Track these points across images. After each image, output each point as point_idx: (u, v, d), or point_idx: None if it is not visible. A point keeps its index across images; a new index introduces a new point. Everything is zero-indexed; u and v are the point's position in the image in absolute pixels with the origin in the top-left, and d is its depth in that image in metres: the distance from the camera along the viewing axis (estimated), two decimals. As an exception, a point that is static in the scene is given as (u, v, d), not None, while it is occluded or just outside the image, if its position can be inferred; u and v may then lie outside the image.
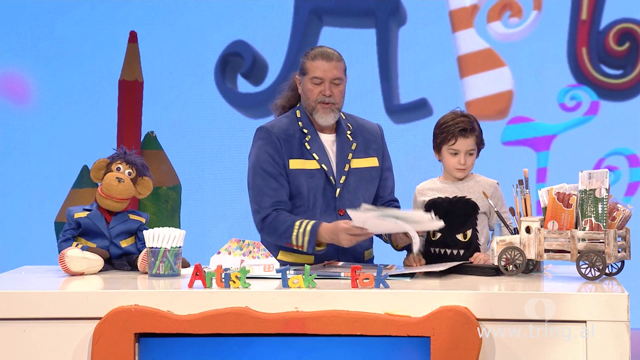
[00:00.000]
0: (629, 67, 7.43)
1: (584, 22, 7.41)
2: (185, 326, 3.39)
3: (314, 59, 4.24)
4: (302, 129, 4.27)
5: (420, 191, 4.16)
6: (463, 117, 4.08)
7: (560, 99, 7.41)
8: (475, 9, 7.47)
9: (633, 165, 7.38)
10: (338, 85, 4.24)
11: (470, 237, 4.05)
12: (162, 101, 7.48)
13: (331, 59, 4.23)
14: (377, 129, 4.41)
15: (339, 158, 4.27)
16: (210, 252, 3.90)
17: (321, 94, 4.22)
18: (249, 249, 3.87)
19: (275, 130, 4.25)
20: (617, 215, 3.68)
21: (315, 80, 4.23)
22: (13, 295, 3.46)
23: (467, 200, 4.06)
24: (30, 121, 7.62)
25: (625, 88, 7.42)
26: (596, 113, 7.41)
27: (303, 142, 4.26)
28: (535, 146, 7.43)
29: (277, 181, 4.19)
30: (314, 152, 4.25)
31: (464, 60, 7.48)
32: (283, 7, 7.57)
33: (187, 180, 6.83)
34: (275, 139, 4.23)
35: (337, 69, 4.24)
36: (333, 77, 4.23)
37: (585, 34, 7.42)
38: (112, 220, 4.03)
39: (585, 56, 7.41)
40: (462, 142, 4.05)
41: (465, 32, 7.48)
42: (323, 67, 4.22)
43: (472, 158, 4.09)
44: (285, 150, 4.23)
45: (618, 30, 7.42)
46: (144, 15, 7.57)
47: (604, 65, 7.45)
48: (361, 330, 3.36)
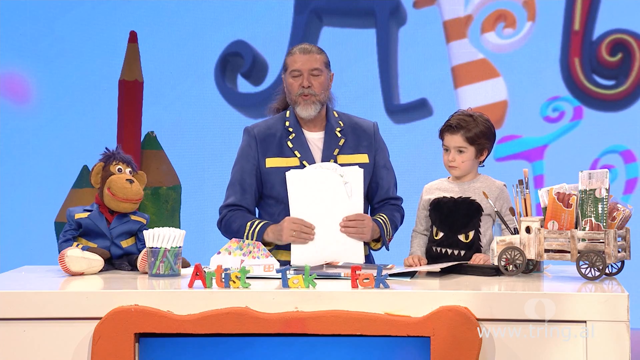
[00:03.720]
0: (622, 78, 7.43)
1: (576, 32, 7.41)
2: (185, 326, 3.39)
3: (293, 54, 4.32)
4: (288, 128, 4.31)
5: (427, 190, 4.17)
6: (460, 115, 4.09)
7: (543, 113, 7.42)
8: (469, 19, 7.47)
9: (628, 162, 7.38)
10: (317, 77, 4.28)
11: (472, 238, 4.04)
12: (162, 101, 7.49)
13: (309, 52, 4.30)
14: (370, 127, 4.42)
15: (325, 154, 4.30)
16: (210, 252, 3.90)
17: (300, 86, 4.25)
18: (249, 249, 3.87)
19: (255, 131, 4.36)
20: (617, 215, 3.68)
21: (294, 72, 4.29)
22: (13, 295, 3.46)
23: (472, 201, 4.05)
24: (30, 121, 7.62)
25: (617, 99, 7.42)
26: (582, 117, 7.42)
27: (285, 140, 4.31)
28: (529, 157, 7.44)
29: (241, 186, 4.31)
30: (295, 150, 4.29)
31: (458, 71, 7.49)
32: (283, 7, 7.57)
33: (187, 180, 6.83)
34: (252, 139, 4.34)
35: (315, 61, 4.28)
36: (311, 68, 4.27)
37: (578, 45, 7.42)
38: (113, 221, 4.03)
39: (577, 66, 7.42)
40: (449, 138, 4.07)
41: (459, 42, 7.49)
42: (301, 59, 4.28)
43: (464, 156, 4.07)
44: (262, 149, 4.32)
45: (611, 41, 7.42)
46: (144, 15, 7.57)
47: (596, 75, 7.45)
48: (361, 330, 3.36)
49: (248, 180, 4.32)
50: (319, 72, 4.28)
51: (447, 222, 4.06)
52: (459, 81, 7.48)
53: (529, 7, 7.47)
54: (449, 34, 7.49)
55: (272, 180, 4.29)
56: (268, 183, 4.30)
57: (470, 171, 4.11)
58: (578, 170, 3.68)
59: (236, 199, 4.32)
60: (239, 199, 4.32)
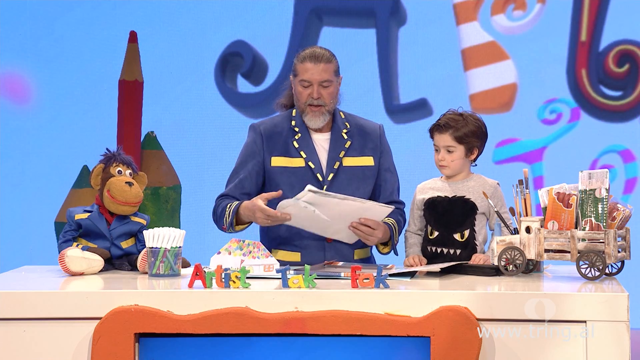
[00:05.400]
0: (629, 89, 7.43)
1: (583, 43, 7.40)
2: (185, 326, 3.39)
3: (303, 61, 4.24)
4: (294, 127, 4.29)
5: (420, 189, 4.17)
6: (449, 114, 4.10)
7: (540, 116, 7.42)
8: (479, 1, 7.47)
9: (627, 161, 7.38)
10: (327, 88, 4.23)
11: (467, 237, 4.05)
12: (162, 101, 7.49)
13: (319, 61, 4.22)
14: (376, 129, 4.40)
15: (330, 155, 4.28)
16: (210, 252, 3.90)
17: (310, 96, 4.22)
18: (249, 249, 3.87)
19: (261, 128, 4.33)
20: (617, 215, 3.68)
21: (303, 82, 4.23)
22: (13, 295, 3.46)
23: (466, 200, 4.06)
24: (30, 121, 7.62)
25: (624, 110, 7.42)
26: (579, 118, 7.42)
27: (291, 140, 4.28)
28: (528, 159, 7.44)
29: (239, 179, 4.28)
30: (301, 150, 4.27)
31: (467, 53, 7.48)
32: (283, 7, 7.57)
33: (187, 180, 6.83)
34: (258, 136, 4.31)
35: (325, 71, 4.22)
36: (321, 80, 4.22)
37: (584, 56, 7.42)
38: (114, 222, 4.03)
39: (584, 78, 7.41)
40: (437, 137, 4.08)
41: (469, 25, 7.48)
42: (311, 69, 4.22)
43: (453, 155, 4.07)
44: (267, 147, 4.29)
45: (618, 52, 7.42)
46: (144, 15, 7.57)
47: (603, 86, 7.44)
48: (361, 330, 3.36)
49: (248, 176, 4.29)
50: (329, 82, 4.23)
51: (442, 221, 4.06)
52: (468, 64, 7.48)
53: (539, -12, 7.47)
54: (459, 17, 7.49)
55: (277, 179, 4.27)
56: (272, 182, 4.28)
57: (462, 170, 4.12)
58: (577, 171, 3.69)
59: (229, 190, 4.31)
60: (232, 190, 4.30)
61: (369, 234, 4.12)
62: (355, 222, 4.10)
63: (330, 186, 4.25)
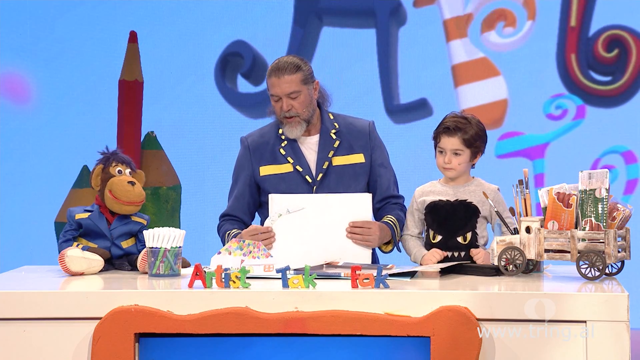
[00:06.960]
0: (618, 74, 7.42)
1: (573, 28, 7.40)
2: (185, 326, 3.39)
3: (269, 76, 4.27)
4: (281, 136, 4.32)
5: (420, 193, 4.15)
6: (455, 117, 4.08)
7: (546, 110, 7.41)
8: (469, 18, 7.47)
9: (629, 162, 7.38)
10: (296, 99, 4.24)
11: (470, 239, 4.05)
12: (162, 101, 7.49)
13: (283, 74, 4.22)
14: (365, 126, 4.40)
15: (319, 156, 4.30)
16: (210, 252, 3.90)
17: (281, 109, 4.24)
18: (249, 249, 3.87)
19: (249, 141, 4.38)
20: (617, 215, 3.68)
21: (273, 97, 4.28)
22: (13, 295, 3.46)
23: (469, 204, 4.06)
24: (30, 121, 7.62)
25: (613, 95, 7.42)
26: (584, 116, 7.42)
27: (277, 147, 4.32)
28: (530, 155, 7.43)
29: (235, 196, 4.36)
30: (288, 156, 4.29)
31: (458, 70, 7.49)
32: (283, 7, 7.57)
33: (187, 180, 6.84)
34: (246, 150, 4.37)
35: (289, 83, 4.22)
36: (288, 92, 4.23)
37: (574, 41, 7.41)
38: (114, 222, 4.03)
39: (574, 63, 7.41)
40: (445, 140, 4.06)
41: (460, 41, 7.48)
42: (276, 84, 4.23)
43: (460, 158, 4.07)
44: (255, 158, 4.35)
45: (607, 37, 7.42)
46: (144, 15, 7.57)
47: (592, 71, 7.44)
48: (361, 330, 3.36)
49: (242, 190, 4.36)
50: (297, 93, 4.23)
51: (445, 225, 4.06)
52: (459, 80, 7.48)
53: (529, 6, 7.47)
54: (449, 33, 7.49)
55: (267, 187, 4.30)
56: (264, 191, 4.32)
57: (464, 173, 4.11)
58: (579, 170, 3.69)
59: (229, 208, 4.39)
60: (231, 208, 4.39)
61: (367, 234, 4.11)
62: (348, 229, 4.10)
63: (319, 187, 4.27)
